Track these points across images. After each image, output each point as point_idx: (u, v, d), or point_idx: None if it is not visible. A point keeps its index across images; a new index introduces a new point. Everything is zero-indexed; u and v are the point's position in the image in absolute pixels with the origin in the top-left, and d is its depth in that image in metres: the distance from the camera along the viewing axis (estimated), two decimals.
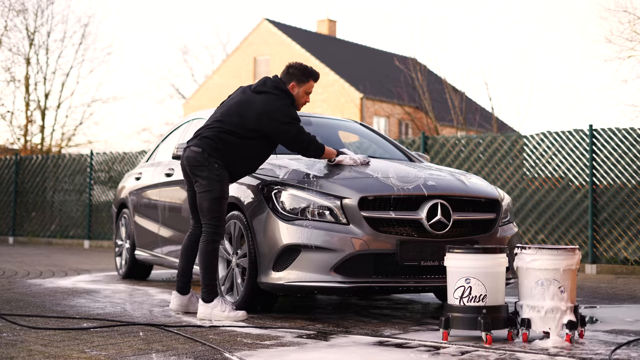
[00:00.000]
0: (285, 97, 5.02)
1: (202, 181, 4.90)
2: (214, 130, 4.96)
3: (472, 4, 63.05)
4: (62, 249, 13.72)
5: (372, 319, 5.09)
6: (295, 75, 5.08)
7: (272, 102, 4.95)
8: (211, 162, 4.89)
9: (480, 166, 10.90)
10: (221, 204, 4.90)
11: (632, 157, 9.60)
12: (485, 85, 25.29)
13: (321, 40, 37.95)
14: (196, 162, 4.92)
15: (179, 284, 5.18)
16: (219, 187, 4.88)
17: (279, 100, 4.97)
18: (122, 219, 7.90)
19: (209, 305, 4.86)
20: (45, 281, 7.39)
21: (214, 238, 4.90)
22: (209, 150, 4.91)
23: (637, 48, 18.68)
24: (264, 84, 5.04)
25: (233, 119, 4.95)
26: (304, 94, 5.12)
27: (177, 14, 72.19)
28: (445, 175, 5.29)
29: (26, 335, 4.13)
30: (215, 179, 4.88)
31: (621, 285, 7.89)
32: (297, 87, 5.09)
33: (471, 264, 4.12)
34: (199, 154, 4.92)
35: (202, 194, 4.90)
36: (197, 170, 4.93)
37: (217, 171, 4.89)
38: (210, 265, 4.90)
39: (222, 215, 4.92)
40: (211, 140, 4.93)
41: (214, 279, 4.92)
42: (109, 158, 14.73)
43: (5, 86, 24.46)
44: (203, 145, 4.93)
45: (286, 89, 5.05)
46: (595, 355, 3.79)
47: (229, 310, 4.81)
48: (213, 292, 4.89)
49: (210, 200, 4.88)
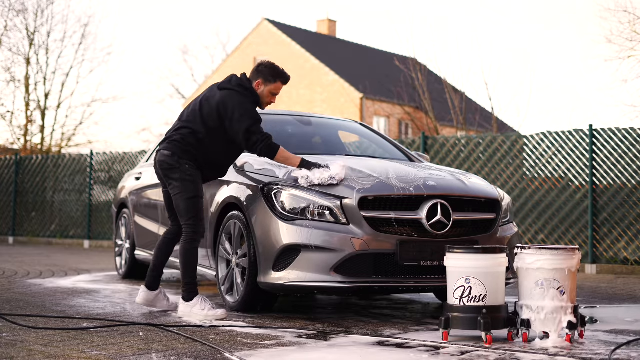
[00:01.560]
0: (248, 95, 5.02)
1: (175, 183, 4.97)
2: (180, 132, 5.02)
3: (472, 4, 63.06)
4: (62, 249, 13.72)
5: (372, 319, 5.09)
6: (263, 73, 5.05)
7: (231, 98, 4.96)
8: (182, 164, 4.95)
9: (480, 166, 10.90)
10: (197, 203, 4.97)
11: (632, 157, 9.60)
12: (485, 85, 25.31)
13: (321, 40, 37.95)
14: (168, 165, 4.99)
15: (148, 279, 5.23)
16: (192, 187, 4.95)
17: (238, 96, 4.99)
18: (122, 219, 7.90)
19: (189, 304, 4.93)
20: (45, 281, 7.39)
21: (193, 237, 4.95)
22: (178, 152, 4.97)
23: (637, 48, 18.68)
24: (229, 81, 5.07)
25: (196, 118, 5.01)
26: (269, 94, 5.09)
27: (177, 14, 72.23)
28: (445, 175, 5.29)
29: (26, 335, 4.13)
30: (188, 180, 4.94)
31: (621, 285, 7.89)
32: (263, 85, 5.05)
33: (471, 264, 4.12)
34: (170, 157, 4.98)
35: (177, 196, 4.98)
36: (169, 173, 5.00)
37: (189, 172, 4.95)
38: (190, 264, 4.96)
39: (199, 214, 4.98)
40: (179, 142, 4.99)
41: (194, 277, 4.98)
42: (109, 158, 14.73)
43: (5, 86, 24.49)
44: (172, 148, 4.99)
45: (250, 87, 5.04)
46: (595, 355, 3.79)
47: (208, 309, 4.86)
48: (193, 291, 4.95)
49: (185, 201, 4.94)
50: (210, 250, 5.60)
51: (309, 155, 5.45)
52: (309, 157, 5.28)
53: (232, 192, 5.29)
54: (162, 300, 5.23)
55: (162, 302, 5.23)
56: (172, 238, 5.25)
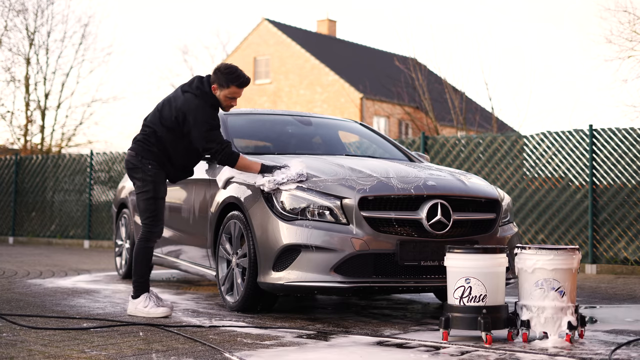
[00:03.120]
0: (206, 98, 4.98)
1: (137, 183, 5.03)
2: (143, 132, 5.06)
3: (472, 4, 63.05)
4: (62, 249, 13.72)
5: (372, 319, 5.09)
6: (218, 78, 4.99)
7: (189, 102, 4.95)
8: (144, 164, 4.99)
9: (480, 166, 10.90)
10: (156, 203, 4.99)
11: (632, 157, 9.60)
12: (485, 85, 25.31)
13: (321, 40, 37.94)
14: (131, 164, 5.04)
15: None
16: (152, 187, 4.97)
17: (196, 99, 4.96)
18: (122, 219, 7.90)
19: (134, 301, 4.97)
20: (45, 281, 7.39)
21: (148, 237, 4.99)
22: (141, 152, 5.00)
23: (637, 48, 18.68)
24: (190, 84, 5.06)
25: (155, 118, 5.04)
26: (225, 98, 5.02)
27: (177, 14, 72.22)
28: (445, 175, 5.29)
29: (26, 335, 4.13)
30: (149, 180, 4.97)
31: (621, 285, 7.89)
32: (218, 90, 5.01)
33: (471, 264, 4.12)
34: (133, 157, 5.03)
35: (138, 195, 5.03)
36: (132, 173, 5.05)
37: (151, 172, 4.98)
38: (142, 263, 4.99)
39: (157, 214, 5.00)
40: (142, 142, 5.03)
41: (143, 275, 5.00)
42: (109, 158, 14.73)
43: (5, 86, 24.48)
44: (136, 148, 5.04)
45: (208, 90, 5.00)
46: (595, 355, 3.79)
47: (151, 306, 4.90)
48: (141, 289, 4.97)
49: (144, 200, 4.98)
50: (210, 250, 5.60)
51: (311, 155, 5.46)
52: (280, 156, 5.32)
53: (232, 192, 5.29)
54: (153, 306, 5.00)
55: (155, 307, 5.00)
56: None
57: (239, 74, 5.00)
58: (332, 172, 5.08)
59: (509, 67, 51.92)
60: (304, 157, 5.48)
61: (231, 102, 5.07)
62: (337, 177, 5.01)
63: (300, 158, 5.19)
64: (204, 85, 5.02)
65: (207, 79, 5.05)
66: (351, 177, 5.00)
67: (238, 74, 5.00)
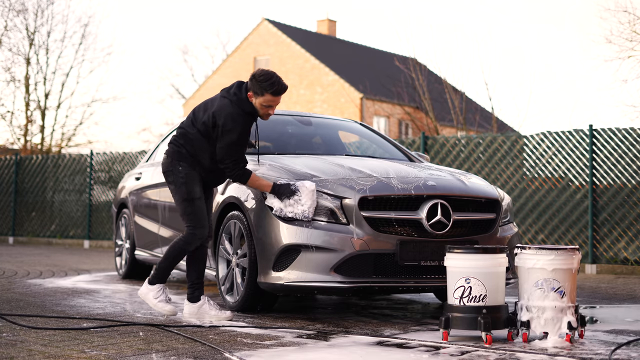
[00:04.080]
0: (241, 105, 4.79)
1: (171, 186, 4.95)
2: (175, 134, 5.00)
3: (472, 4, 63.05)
4: (62, 249, 13.72)
5: (372, 319, 5.09)
6: (253, 85, 4.79)
7: (223, 108, 4.79)
8: (175, 166, 4.90)
9: (480, 166, 10.90)
10: (192, 205, 4.84)
11: (632, 157, 9.60)
12: (485, 85, 25.31)
13: (321, 40, 37.94)
14: (165, 168, 4.97)
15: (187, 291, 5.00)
16: (184, 189, 4.85)
17: (230, 106, 4.79)
18: (122, 219, 7.90)
19: (149, 286, 4.93)
20: (45, 281, 7.39)
21: (189, 240, 4.83)
22: (173, 155, 4.93)
23: (637, 48, 18.67)
24: (229, 89, 4.90)
25: (188, 120, 4.97)
26: (261, 106, 4.81)
27: (177, 14, 72.23)
28: (445, 175, 5.29)
29: (26, 335, 4.13)
30: (180, 182, 4.87)
31: (621, 285, 7.89)
32: (254, 97, 4.81)
33: (471, 264, 4.12)
34: (167, 160, 4.96)
35: (174, 199, 4.96)
36: (166, 177, 4.98)
37: (182, 173, 4.87)
38: (172, 260, 4.88)
39: (196, 216, 4.84)
40: (172, 144, 4.96)
41: (166, 269, 4.91)
42: (109, 158, 14.72)
43: (5, 86, 24.47)
44: (169, 151, 4.97)
45: (244, 97, 4.82)
46: (595, 355, 3.79)
47: (160, 299, 4.88)
48: (159, 278, 4.91)
49: (180, 203, 4.89)
50: (210, 250, 5.60)
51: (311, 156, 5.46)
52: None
53: (232, 192, 5.29)
54: (210, 310, 4.88)
55: (210, 312, 4.87)
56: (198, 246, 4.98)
57: (273, 82, 4.75)
58: (332, 172, 5.08)
59: (509, 67, 51.95)
60: (304, 157, 5.48)
61: (268, 110, 4.83)
62: (337, 177, 5.01)
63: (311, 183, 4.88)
64: (241, 91, 4.83)
65: (245, 85, 4.86)
66: (351, 177, 5.00)
67: (272, 81, 4.75)
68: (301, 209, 4.78)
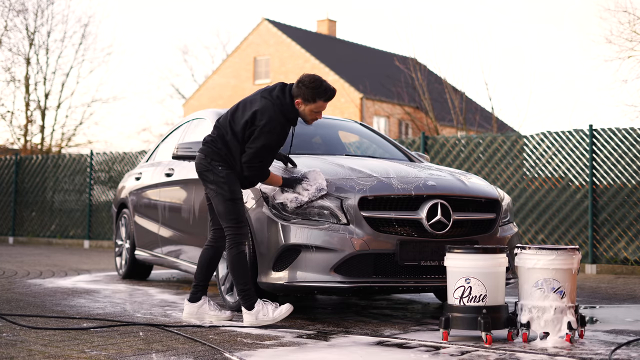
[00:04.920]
0: (283, 110, 4.69)
1: (210, 186, 4.76)
2: (212, 134, 4.86)
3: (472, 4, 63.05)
4: (62, 249, 13.72)
5: (372, 319, 5.09)
6: (302, 92, 4.70)
7: (263, 109, 4.69)
8: (214, 166, 4.75)
9: (480, 166, 10.90)
10: (235, 205, 4.71)
11: (632, 157, 9.60)
12: (485, 85, 25.31)
13: (321, 40, 37.94)
14: (202, 167, 4.80)
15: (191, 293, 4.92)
16: (227, 189, 4.71)
17: (272, 109, 4.68)
18: (122, 219, 7.90)
19: (251, 312, 4.64)
20: (45, 281, 7.39)
21: (238, 241, 4.69)
22: (210, 155, 4.78)
23: (637, 48, 18.68)
24: (271, 91, 4.77)
25: (225, 120, 4.83)
26: (310, 112, 4.76)
27: (177, 14, 72.23)
28: (445, 175, 5.29)
29: (26, 335, 4.13)
30: (222, 181, 4.72)
31: (621, 285, 7.89)
32: (303, 104, 4.73)
33: (471, 264, 4.12)
34: (203, 159, 4.80)
35: (215, 199, 4.75)
36: (204, 176, 4.79)
37: (222, 173, 4.73)
38: (240, 269, 4.68)
39: (239, 216, 4.71)
40: (212, 144, 4.81)
41: (247, 282, 4.69)
42: (109, 158, 14.72)
43: (5, 86, 24.48)
44: (205, 150, 4.82)
45: (288, 102, 4.71)
46: (595, 355, 3.79)
47: (272, 310, 4.64)
48: (251, 297, 4.67)
49: (223, 203, 4.70)
50: None
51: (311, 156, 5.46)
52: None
53: None
54: (210, 311, 4.85)
55: (210, 312, 4.85)
56: (212, 245, 4.92)
57: (325, 88, 4.71)
58: (332, 172, 5.08)
59: (509, 67, 51.95)
60: (304, 157, 5.48)
61: (316, 115, 4.79)
62: (337, 177, 5.01)
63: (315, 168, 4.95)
64: (285, 96, 4.71)
65: (289, 90, 4.74)
66: (351, 177, 5.00)
67: (325, 87, 4.71)
68: (314, 188, 4.77)
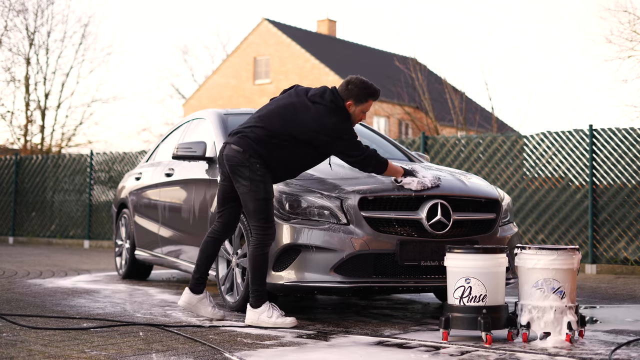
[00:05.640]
0: (340, 113, 4.74)
1: (244, 182, 4.66)
2: (256, 131, 4.73)
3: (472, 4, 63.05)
4: (62, 249, 13.72)
5: (372, 319, 5.09)
6: (354, 94, 4.75)
7: (325, 116, 4.68)
8: (252, 163, 4.66)
9: (480, 166, 10.90)
10: (267, 204, 4.67)
11: (632, 157, 9.60)
12: (485, 85, 25.32)
13: (321, 40, 37.94)
14: (237, 160, 4.67)
15: (191, 282, 4.95)
16: (262, 188, 4.65)
17: (334, 116, 4.70)
18: (122, 219, 7.90)
19: (256, 310, 4.64)
20: (45, 281, 7.39)
21: (264, 241, 4.65)
22: (249, 151, 4.67)
23: (637, 48, 18.67)
24: (322, 96, 4.74)
25: (275, 121, 4.73)
26: (360, 113, 4.80)
27: (177, 14, 72.24)
28: (445, 175, 5.29)
29: (26, 335, 4.13)
30: (258, 180, 4.65)
31: (621, 285, 7.89)
32: (354, 106, 4.77)
33: (471, 264, 4.12)
34: (240, 153, 4.68)
35: (246, 195, 4.67)
36: (237, 170, 4.68)
37: (260, 171, 4.66)
38: (259, 270, 4.65)
39: (269, 216, 4.66)
40: (252, 141, 4.70)
41: (263, 284, 4.66)
42: (109, 158, 14.72)
43: (5, 86, 24.47)
44: (244, 144, 4.70)
45: (342, 105, 4.74)
46: (595, 355, 3.79)
47: (276, 316, 4.61)
48: (261, 298, 4.65)
49: (255, 201, 4.63)
50: None
51: None
52: None
53: None
54: (207, 306, 4.88)
55: (207, 307, 4.88)
56: (217, 237, 4.91)
57: (374, 87, 4.82)
58: (333, 172, 5.08)
59: (509, 67, 51.95)
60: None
61: (363, 116, 4.86)
62: (338, 177, 5.01)
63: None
64: (338, 99, 4.75)
65: (339, 94, 4.78)
66: (351, 177, 5.00)
67: (374, 87, 4.82)
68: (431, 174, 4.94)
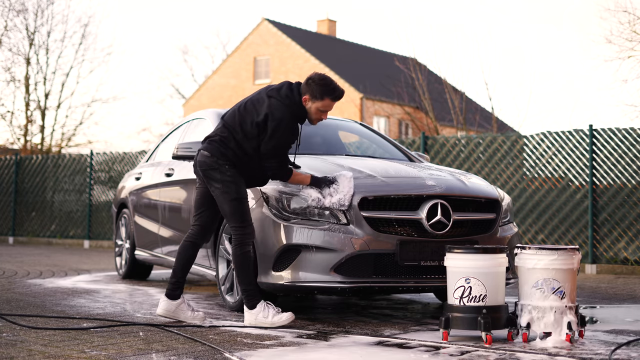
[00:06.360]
0: (293, 109, 4.70)
1: (216, 184, 4.71)
2: (220, 134, 4.79)
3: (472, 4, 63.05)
4: (62, 249, 13.72)
5: (372, 319, 5.09)
6: (311, 89, 4.70)
7: (273, 109, 4.68)
8: (221, 165, 4.71)
9: (480, 166, 10.90)
10: (241, 204, 4.69)
11: (632, 157, 9.60)
12: (485, 85, 25.32)
13: (321, 40, 37.94)
14: (207, 165, 4.75)
15: (167, 288, 4.88)
16: (234, 189, 4.69)
17: (282, 108, 4.68)
18: (122, 219, 7.90)
19: (252, 312, 4.64)
20: (45, 281, 7.39)
21: (243, 240, 4.67)
22: (217, 154, 4.73)
23: (637, 48, 18.68)
24: (278, 90, 4.76)
25: (234, 120, 4.79)
26: (317, 111, 4.74)
27: (177, 14, 72.23)
28: (445, 175, 5.29)
29: (26, 335, 4.13)
30: (229, 180, 4.70)
31: (621, 285, 7.89)
32: (310, 101, 4.72)
33: (471, 264, 4.12)
34: (209, 158, 4.75)
35: (220, 197, 4.72)
36: (209, 174, 4.73)
37: (229, 172, 4.70)
38: (244, 269, 4.67)
39: (245, 216, 4.69)
40: (218, 144, 4.76)
41: (251, 282, 4.69)
42: (109, 158, 14.73)
43: (5, 86, 24.49)
44: (211, 149, 4.76)
45: (297, 100, 4.71)
46: (595, 355, 3.79)
47: (272, 315, 4.61)
48: (254, 297, 4.66)
49: (229, 202, 4.67)
50: (210, 250, 5.60)
51: (311, 156, 5.47)
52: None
53: None
54: (186, 311, 4.82)
55: (186, 312, 4.82)
56: (194, 242, 4.89)
57: (334, 87, 4.71)
58: (333, 173, 5.07)
59: (509, 67, 51.95)
60: (304, 157, 5.48)
61: (321, 115, 4.77)
62: None
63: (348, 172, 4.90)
64: (294, 94, 4.71)
65: (297, 88, 4.74)
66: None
67: (334, 86, 4.71)
68: (337, 198, 4.77)
